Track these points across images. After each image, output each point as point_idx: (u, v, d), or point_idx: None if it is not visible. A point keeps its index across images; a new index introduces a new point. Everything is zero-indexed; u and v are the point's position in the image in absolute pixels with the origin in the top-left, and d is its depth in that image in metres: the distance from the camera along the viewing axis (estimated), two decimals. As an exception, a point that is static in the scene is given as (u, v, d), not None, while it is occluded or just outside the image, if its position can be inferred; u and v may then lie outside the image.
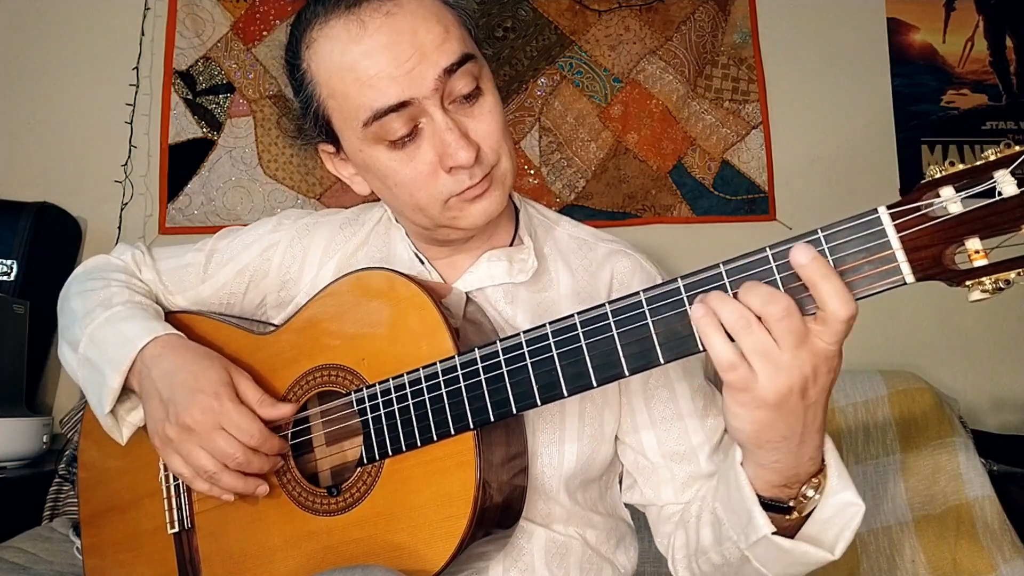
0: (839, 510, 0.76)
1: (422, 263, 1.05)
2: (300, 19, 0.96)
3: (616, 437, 1.05)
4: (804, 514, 0.78)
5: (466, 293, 1.01)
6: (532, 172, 2.52)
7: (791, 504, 0.77)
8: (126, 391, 1.03)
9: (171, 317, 1.13)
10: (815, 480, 0.77)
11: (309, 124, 0.98)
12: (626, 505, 1.10)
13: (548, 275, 1.05)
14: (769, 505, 0.77)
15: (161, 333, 1.02)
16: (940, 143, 2.62)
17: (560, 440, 0.98)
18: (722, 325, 0.68)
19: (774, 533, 0.76)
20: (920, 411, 1.95)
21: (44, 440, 1.96)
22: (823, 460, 0.77)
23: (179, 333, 1.04)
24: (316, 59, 0.92)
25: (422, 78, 0.87)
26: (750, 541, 0.78)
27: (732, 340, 0.68)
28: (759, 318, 0.67)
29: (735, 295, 0.69)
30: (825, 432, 0.76)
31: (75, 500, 1.93)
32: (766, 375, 0.67)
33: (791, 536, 0.77)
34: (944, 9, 2.70)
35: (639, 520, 1.11)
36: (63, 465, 1.97)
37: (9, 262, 2.13)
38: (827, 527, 0.77)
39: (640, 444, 1.02)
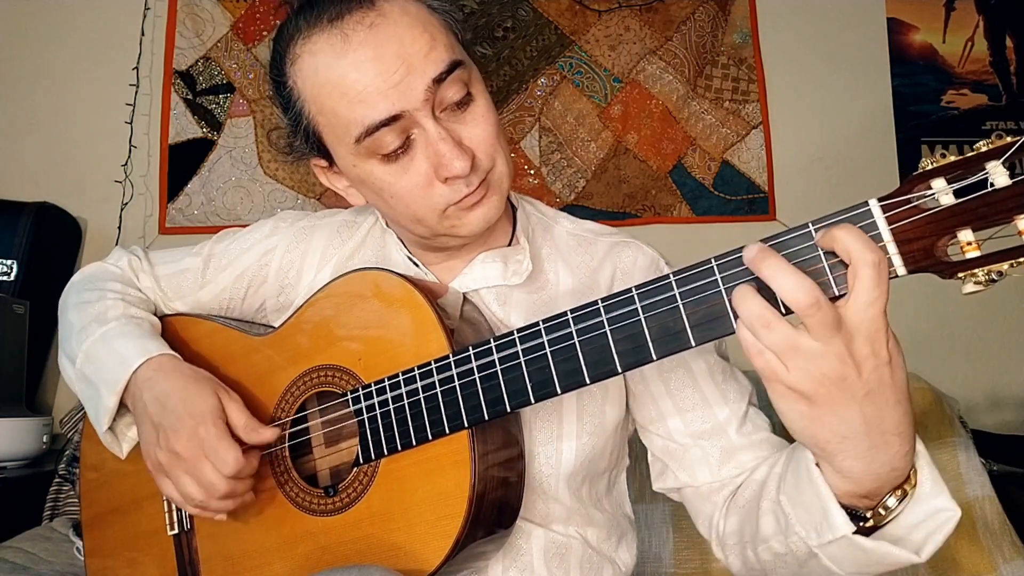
0: (929, 515, 0.71)
1: (417, 266, 1.05)
2: (282, 34, 0.94)
3: (639, 425, 1.03)
4: (885, 519, 0.72)
5: (463, 293, 1.00)
6: (532, 172, 2.52)
7: (868, 515, 0.72)
8: (124, 406, 1.02)
9: (168, 320, 1.13)
10: (899, 490, 0.71)
11: (300, 141, 0.96)
12: (657, 492, 1.06)
13: (544, 276, 1.05)
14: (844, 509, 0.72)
15: (155, 354, 1.01)
16: (940, 143, 2.62)
17: (557, 438, 0.97)
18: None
19: (854, 532, 0.71)
20: (920, 411, 1.95)
21: (44, 440, 1.96)
22: (912, 467, 0.71)
23: (173, 353, 1.03)
24: (301, 75, 0.90)
25: (411, 90, 0.85)
26: (824, 540, 0.73)
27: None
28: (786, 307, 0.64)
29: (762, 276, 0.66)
30: (913, 437, 0.70)
31: (75, 500, 1.93)
32: (796, 367, 0.64)
33: (867, 534, 0.72)
34: (944, 9, 2.70)
35: (639, 519, 1.10)
36: (63, 465, 1.98)
37: (9, 262, 2.14)
38: (914, 531, 0.71)
39: (667, 429, 1.00)
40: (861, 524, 0.72)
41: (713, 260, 0.71)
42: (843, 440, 0.67)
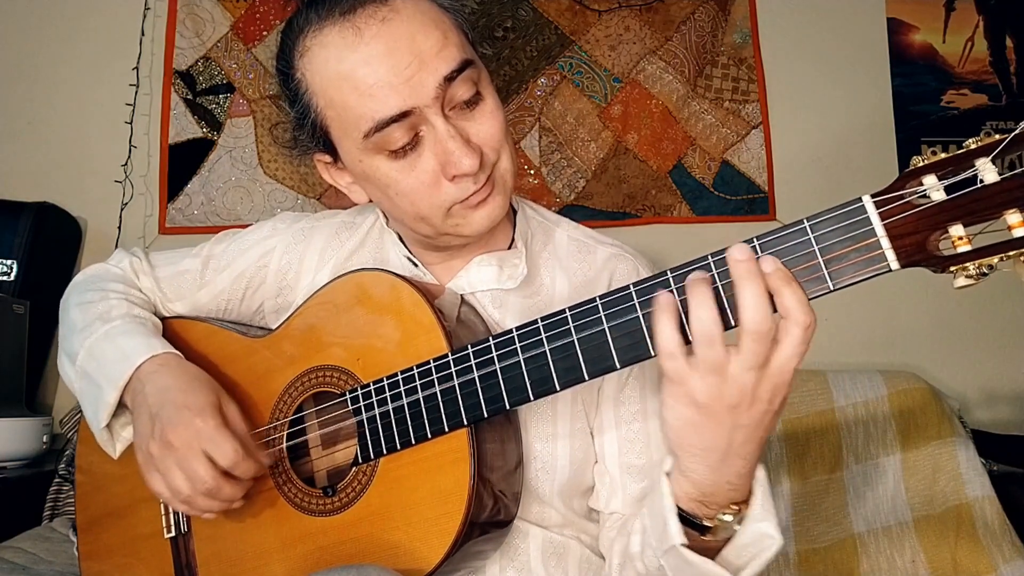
0: (756, 539, 0.77)
1: (415, 266, 1.05)
2: (291, 27, 0.93)
3: None
4: (721, 539, 0.78)
5: (461, 295, 1.00)
6: (532, 172, 2.52)
7: (707, 524, 0.77)
8: (122, 406, 1.02)
9: (167, 322, 1.13)
10: (735, 507, 0.77)
11: (306, 135, 0.96)
12: None
13: (540, 280, 1.05)
14: (688, 521, 0.78)
15: (160, 351, 1.01)
16: (940, 143, 2.62)
17: (552, 438, 0.98)
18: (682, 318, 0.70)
19: (684, 545, 0.76)
20: (920, 411, 1.95)
21: (44, 440, 1.96)
22: (751, 491, 0.77)
23: (176, 352, 1.03)
24: (311, 68, 0.90)
25: (422, 86, 0.85)
26: (664, 548, 0.78)
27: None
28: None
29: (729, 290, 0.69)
30: (758, 464, 0.76)
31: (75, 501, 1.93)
32: (705, 382, 0.69)
33: (712, 557, 0.77)
34: (944, 9, 2.70)
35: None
36: (63, 465, 1.97)
37: (9, 262, 2.13)
38: (742, 552, 0.78)
39: (602, 450, 1.01)
40: (704, 538, 0.77)
41: (710, 257, 0.72)
42: (704, 450, 0.73)
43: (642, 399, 1.01)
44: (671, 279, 0.73)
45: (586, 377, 0.78)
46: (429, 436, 0.86)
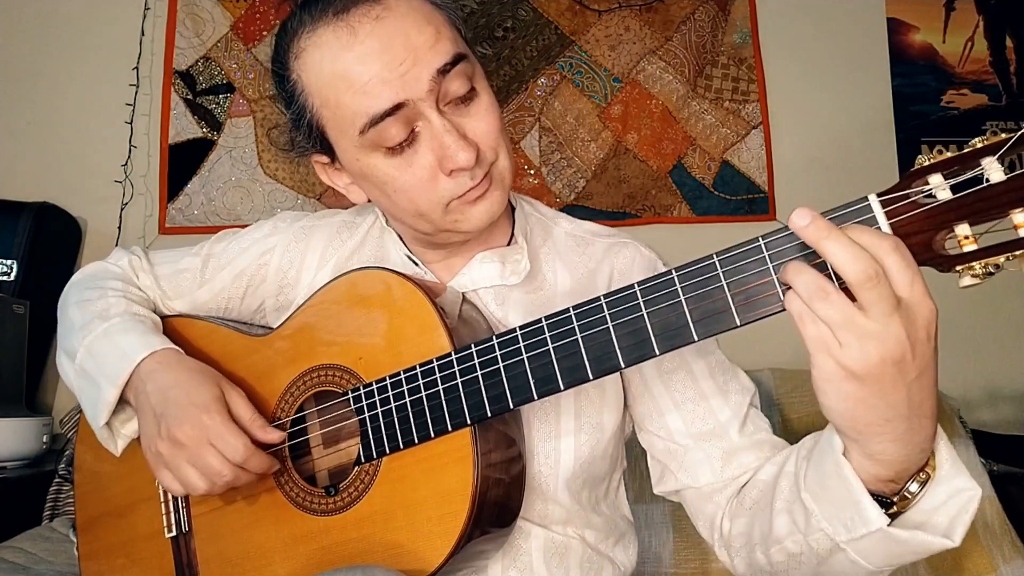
0: (950, 496, 0.70)
1: (416, 265, 1.05)
2: (286, 29, 0.93)
3: (640, 427, 1.03)
4: (904, 509, 0.72)
5: (462, 293, 1.00)
6: (532, 172, 2.52)
7: (893, 499, 0.71)
8: (122, 403, 1.02)
9: (167, 321, 1.13)
10: (921, 474, 0.70)
11: (302, 136, 0.96)
12: (658, 496, 1.06)
13: (542, 275, 1.05)
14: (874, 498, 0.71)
15: (158, 348, 1.01)
16: (940, 143, 2.62)
17: (555, 436, 0.97)
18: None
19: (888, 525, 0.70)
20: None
21: (44, 440, 1.96)
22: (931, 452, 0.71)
23: (176, 348, 1.03)
24: (306, 69, 0.90)
25: (416, 80, 0.85)
26: (855, 535, 0.71)
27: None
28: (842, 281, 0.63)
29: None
30: (936, 419, 0.68)
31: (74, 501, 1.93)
32: (850, 344, 0.62)
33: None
34: (944, 9, 2.70)
35: (640, 519, 1.10)
36: (63, 465, 1.97)
37: (9, 262, 2.13)
38: (936, 514, 0.70)
39: (667, 429, 1.00)
40: (887, 511, 0.71)
41: (715, 255, 0.72)
42: (885, 423, 0.66)
43: (694, 382, 1.00)
44: (676, 278, 0.73)
45: (591, 376, 0.77)
46: (432, 435, 0.86)
